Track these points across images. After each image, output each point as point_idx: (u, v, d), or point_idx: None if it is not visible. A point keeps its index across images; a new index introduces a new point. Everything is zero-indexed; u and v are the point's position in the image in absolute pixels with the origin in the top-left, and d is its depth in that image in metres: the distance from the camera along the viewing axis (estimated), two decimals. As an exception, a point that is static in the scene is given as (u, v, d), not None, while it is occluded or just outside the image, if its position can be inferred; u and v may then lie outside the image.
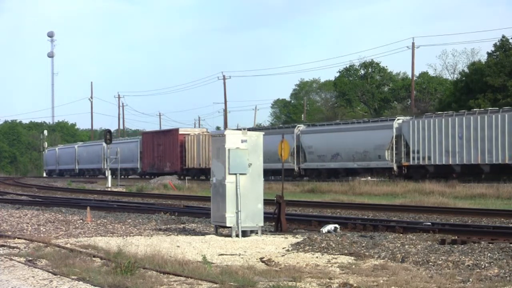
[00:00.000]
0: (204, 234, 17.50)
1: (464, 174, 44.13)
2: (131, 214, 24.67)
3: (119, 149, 62.05)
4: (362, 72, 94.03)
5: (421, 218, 21.97)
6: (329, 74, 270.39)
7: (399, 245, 14.39)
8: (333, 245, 14.61)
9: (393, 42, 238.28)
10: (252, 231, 16.76)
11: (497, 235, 15.57)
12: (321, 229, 17.52)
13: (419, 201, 30.45)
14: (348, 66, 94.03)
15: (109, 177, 53.99)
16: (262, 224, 16.95)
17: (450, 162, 45.11)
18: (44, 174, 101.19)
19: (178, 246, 14.87)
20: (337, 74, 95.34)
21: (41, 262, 12.71)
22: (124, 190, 47.75)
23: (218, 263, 12.66)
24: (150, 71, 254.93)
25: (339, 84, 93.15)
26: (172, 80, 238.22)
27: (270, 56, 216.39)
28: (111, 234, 17.85)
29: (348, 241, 15.09)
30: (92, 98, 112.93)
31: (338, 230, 17.52)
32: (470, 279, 10.65)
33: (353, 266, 12.12)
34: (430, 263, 12.32)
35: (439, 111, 54.22)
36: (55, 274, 11.33)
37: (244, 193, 16.55)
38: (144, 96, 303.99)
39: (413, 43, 70.64)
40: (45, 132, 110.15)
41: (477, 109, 46.98)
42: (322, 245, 14.70)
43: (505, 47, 61.49)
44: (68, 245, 14.86)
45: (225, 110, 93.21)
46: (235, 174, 16.50)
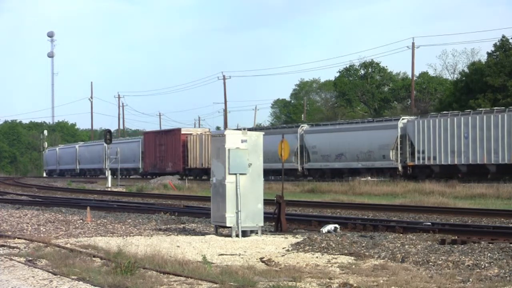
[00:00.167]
0: (204, 234, 17.50)
1: (470, 174, 43.81)
2: (131, 214, 24.66)
3: (120, 149, 62.04)
4: (362, 72, 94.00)
5: (421, 218, 21.97)
6: (329, 74, 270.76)
7: (399, 245, 14.39)
8: (333, 245, 14.61)
9: (393, 42, 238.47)
10: (252, 231, 16.77)
11: (497, 235, 15.57)
12: (321, 229, 17.52)
13: (419, 201, 30.44)
14: (348, 66, 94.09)
15: (109, 177, 53.97)
16: (262, 224, 16.95)
17: (455, 162, 44.87)
18: (44, 174, 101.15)
19: (178, 246, 14.88)
20: (337, 74, 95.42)
21: (41, 262, 12.71)
22: (124, 190, 47.74)
23: (218, 263, 12.66)
24: (150, 71, 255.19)
25: (339, 84, 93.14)
26: (172, 80, 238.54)
27: (270, 56, 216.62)
28: (111, 234, 17.85)
29: (348, 241, 15.09)
30: (92, 98, 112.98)
31: (338, 230, 17.52)
32: (470, 279, 10.65)
33: (353, 266, 12.12)
34: (430, 263, 12.32)
35: (439, 111, 54.12)
36: (55, 274, 11.33)
37: (244, 193, 16.55)
38: (144, 96, 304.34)
39: (413, 43, 70.66)
40: (45, 132, 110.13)
41: (483, 109, 46.76)
42: (322, 245, 14.70)
43: (505, 47, 61.48)
44: (68, 245, 14.86)
45: (225, 110, 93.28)
46: (235, 174, 16.50)
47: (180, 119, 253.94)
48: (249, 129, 52.74)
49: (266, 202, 18.16)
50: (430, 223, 18.91)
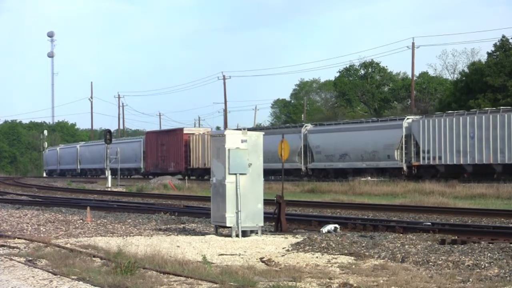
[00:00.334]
0: (204, 234, 17.50)
1: (475, 174, 43.46)
2: (131, 214, 24.66)
3: (122, 149, 62.04)
4: (362, 72, 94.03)
5: (421, 218, 21.97)
6: (329, 74, 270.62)
7: (399, 245, 14.38)
8: (333, 245, 14.61)
9: (393, 42, 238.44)
10: (252, 231, 16.77)
11: (497, 235, 15.57)
12: (321, 229, 17.52)
13: (419, 201, 30.44)
14: (348, 66, 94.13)
15: (109, 177, 53.94)
16: (262, 224, 16.95)
17: (461, 162, 44.55)
18: (44, 174, 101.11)
19: (178, 246, 14.87)
20: (337, 74, 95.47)
21: (41, 262, 12.71)
22: (124, 190, 47.74)
23: (218, 263, 12.66)
24: (150, 71, 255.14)
25: (339, 84, 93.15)
26: (172, 80, 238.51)
27: (270, 56, 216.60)
28: (111, 234, 17.85)
29: (348, 241, 15.09)
30: (92, 98, 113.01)
31: (338, 230, 17.52)
32: (470, 279, 10.65)
33: (353, 266, 12.12)
34: (430, 263, 12.32)
35: (439, 111, 54.05)
36: (55, 274, 11.33)
37: (244, 193, 16.55)
38: (144, 96, 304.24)
39: (413, 43, 70.66)
40: (45, 132, 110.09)
41: (488, 108, 46.50)
42: (322, 245, 14.70)
43: (505, 47, 61.50)
44: (68, 245, 14.86)
45: (225, 110, 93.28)
46: (235, 174, 16.50)
47: (180, 119, 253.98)
48: (249, 129, 52.62)
49: (266, 202, 18.16)
50: (430, 223, 18.91)
